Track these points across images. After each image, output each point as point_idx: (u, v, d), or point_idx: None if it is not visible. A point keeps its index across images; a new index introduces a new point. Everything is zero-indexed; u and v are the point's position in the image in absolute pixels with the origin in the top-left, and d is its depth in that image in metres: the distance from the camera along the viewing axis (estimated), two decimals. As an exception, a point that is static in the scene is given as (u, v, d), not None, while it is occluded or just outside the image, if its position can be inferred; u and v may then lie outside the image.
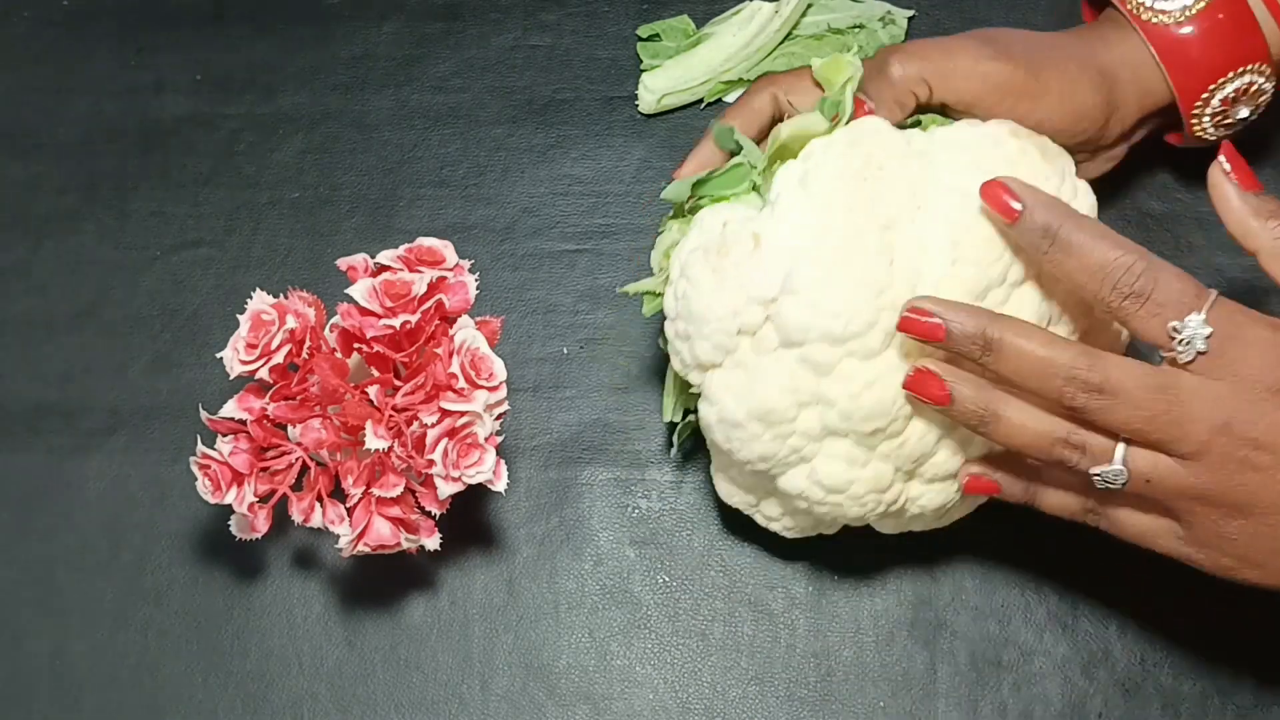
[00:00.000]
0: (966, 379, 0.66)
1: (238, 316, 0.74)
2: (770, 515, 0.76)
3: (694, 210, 0.73)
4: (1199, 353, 0.63)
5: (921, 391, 0.67)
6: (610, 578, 0.82)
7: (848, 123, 0.71)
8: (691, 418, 0.76)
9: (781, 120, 0.74)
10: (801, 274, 0.67)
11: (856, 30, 0.89)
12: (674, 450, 0.81)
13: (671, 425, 0.79)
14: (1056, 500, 0.70)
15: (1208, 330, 0.62)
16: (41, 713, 0.80)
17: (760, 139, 0.76)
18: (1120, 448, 0.65)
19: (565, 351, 0.86)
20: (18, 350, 0.87)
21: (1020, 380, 0.65)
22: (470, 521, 0.82)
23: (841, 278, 0.67)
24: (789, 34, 0.89)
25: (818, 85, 0.75)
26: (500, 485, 0.73)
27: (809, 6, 0.90)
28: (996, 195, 0.66)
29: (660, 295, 0.74)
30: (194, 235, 0.89)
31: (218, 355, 0.74)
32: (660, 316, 0.74)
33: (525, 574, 0.82)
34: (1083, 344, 0.65)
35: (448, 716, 0.80)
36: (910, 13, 0.91)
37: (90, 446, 0.85)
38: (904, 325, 0.66)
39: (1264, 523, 0.64)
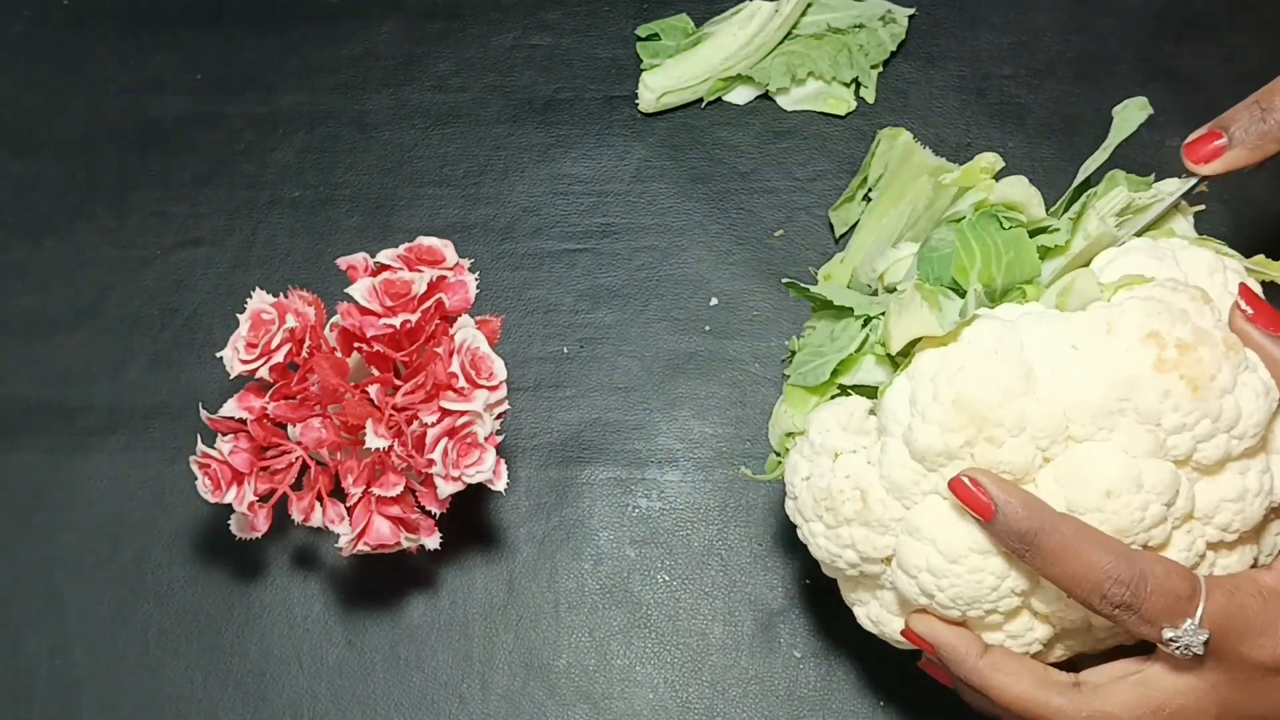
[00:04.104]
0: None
1: (238, 316, 0.74)
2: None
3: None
4: (1195, 655, 0.60)
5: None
6: (610, 578, 0.82)
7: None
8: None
9: None
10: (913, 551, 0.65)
11: (857, 30, 0.89)
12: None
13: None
14: None
15: (1204, 636, 0.60)
16: (41, 713, 0.80)
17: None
18: None
19: (565, 351, 0.86)
20: (18, 350, 0.87)
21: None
22: (470, 521, 0.82)
23: (958, 569, 0.64)
24: (789, 33, 0.89)
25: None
26: (500, 485, 0.73)
27: (809, 6, 0.90)
28: (968, 492, 0.62)
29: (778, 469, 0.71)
30: (194, 235, 0.89)
31: (218, 355, 0.74)
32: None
33: (525, 574, 0.82)
34: (1068, 681, 0.63)
35: (448, 716, 0.80)
36: (911, 11, 0.91)
37: (90, 446, 0.85)
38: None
39: None
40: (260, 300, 0.74)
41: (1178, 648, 0.60)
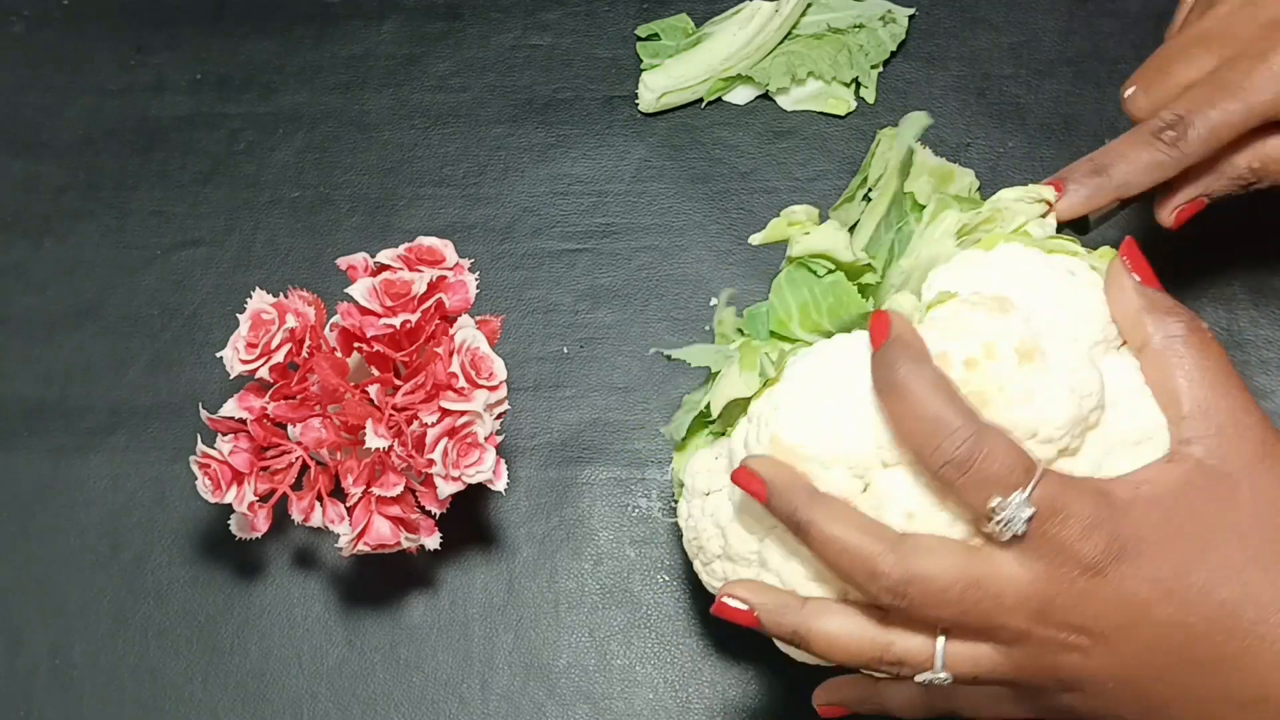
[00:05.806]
0: (771, 598, 0.64)
1: (238, 316, 0.74)
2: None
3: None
4: (1015, 535, 0.59)
5: (729, 616, 0.65)
6: (610, 578, 0.82)
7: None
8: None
9: None
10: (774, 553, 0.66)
11: (857, 30, 0.89)
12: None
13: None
14: (902, 699, 0.67)
15: (1029, 511, 0.59)
16: (41, 713, 0.80)
17: None
18: (939, 651, 0.61)
19: (565, 351, 0.86)
20: (18, 350, 0.87)
21: (832, 569, 0.62)
22: (470, 521, 0.82)
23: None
24: (789, 33, 0.90)
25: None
26: (500, 485, 0.73)
27: (809, 6, 0.90)
28: (878, 325, 0.62)
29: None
30: (194, 234, 0.89)
31: (218, 355, 0.74)
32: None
33: (525, 574, 0.82)
34: (895, 535, 0.61)
35: (448, 716, 0.80)
36: (911, 11, 0.91)
37: (90, 446, 0.85)
38: (735, 477, 0.63)
39: (1097, 695, 0.61)
40: (260, 300, 0.74)
41: (1000, 521, 0.59)
